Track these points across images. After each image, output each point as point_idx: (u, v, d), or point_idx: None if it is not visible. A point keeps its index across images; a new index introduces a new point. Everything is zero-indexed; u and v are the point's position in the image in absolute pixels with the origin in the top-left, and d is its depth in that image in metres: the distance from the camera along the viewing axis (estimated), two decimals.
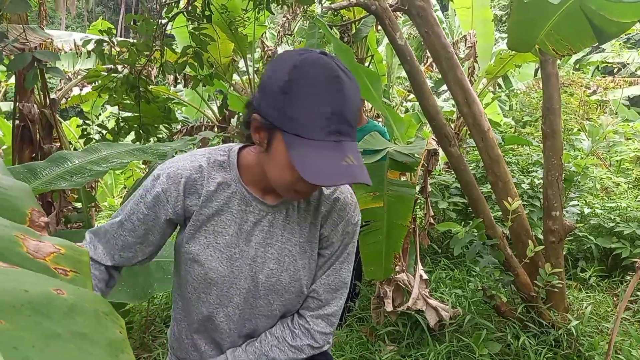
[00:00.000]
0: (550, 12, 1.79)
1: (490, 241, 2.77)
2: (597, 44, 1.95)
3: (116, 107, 3.68)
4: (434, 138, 3.52)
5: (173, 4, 3.62)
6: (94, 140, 3.52)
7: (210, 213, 1.06)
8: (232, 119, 5.54)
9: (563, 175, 2.99)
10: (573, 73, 7.25)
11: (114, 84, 3.28)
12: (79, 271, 0.74)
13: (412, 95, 6.70)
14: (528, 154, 4.58)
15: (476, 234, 2.79)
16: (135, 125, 3.62)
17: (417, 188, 3.55)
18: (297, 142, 0.87)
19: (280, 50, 6.22)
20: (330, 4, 5.07)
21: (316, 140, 0.86)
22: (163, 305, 4.02)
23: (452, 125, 4.87)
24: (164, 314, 3.84)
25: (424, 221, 3.63)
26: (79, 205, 3.53)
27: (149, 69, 4.19)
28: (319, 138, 0.86)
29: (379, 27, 5.02)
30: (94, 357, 0.65)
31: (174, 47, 4.15)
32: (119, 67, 3.39)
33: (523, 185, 3.91)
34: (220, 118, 5.44)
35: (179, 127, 5.68)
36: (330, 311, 1.14)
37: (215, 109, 5.81)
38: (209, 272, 1.07)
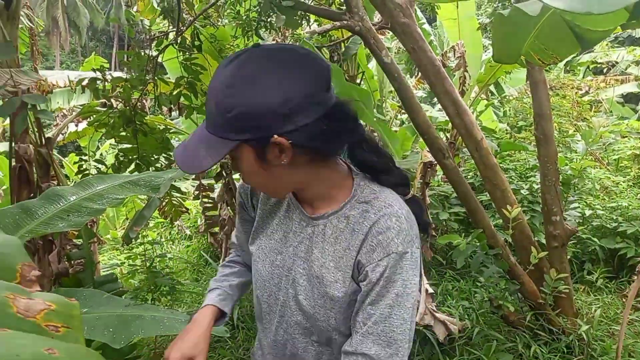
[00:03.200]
0: (531, 23, 1.81)
1: (493, 251, 2.76)
2: (580, 50, 1.97)
3: (113, 139, 3.71)
4: (429, 150, 3.54)
5: (163, 36, 3.67)
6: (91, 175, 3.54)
7: (264, 215, 1.12)
8: None
9: (560, 178, 2.99)
10: (563, 76, 7.30)
11: (111, 119, 3.31)
12: (70, 326, 0.74)
13: None
14: (525, 159, 4.59)
15: (478, 245, 2.78)
16: (134, 157, 3.65)
17: None
18: None
19: None
20: (319, 25, 5.14)
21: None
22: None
23: (448, 135, 4.89)
24: None
25: (424, 235, 3.63)
26: (79, 241, 3.53)
27: (144, 100, 4.23)
28: None
29: None
30: None
31: (166, 78, 4.19)
32: (114, 102, 3.43)
33: (522, 191, 3.91)
34: None
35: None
36: None
37: None
38: (256, 274, 1.10)
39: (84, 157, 3.75)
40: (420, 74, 6.55)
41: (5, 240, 0.92)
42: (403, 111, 7.49)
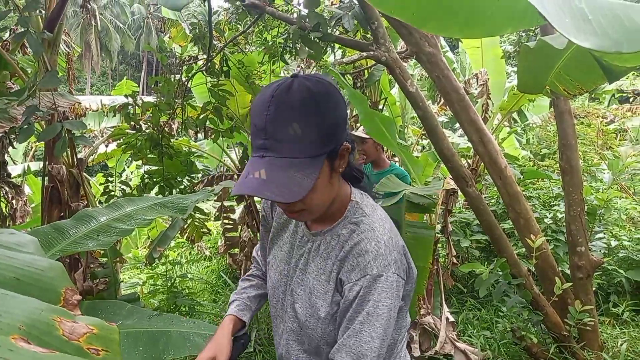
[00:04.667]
0: (556, 56, 1.84)
1: (516, 280, 2.73)
2: (607, 83, 1.98)
3: (140, 161, 3.82)
4: (452, 177, 3.54)
5: (192, 62, 3.80)
6: (116, 197, 3.64)
7: (279, 228, 1.22)
8: None
9: (585, 208, 2.95)
10: (588, 104, 7.24)
11: (139, 142, 3.42)
12: (109, 349, 0.79)
13: None
14: (549, 187, 4.54)
15: (500, 274, 2.76)
16: (159, 179, 3.74)
17: (438, 228, 3.54)
18: None
19: None
20: (343, 52, 5.24)
21: (252, 156, 0.95)
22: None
23: (470, 162, 4.88)
24: None
25: (446, 261, 3.60)
26: (104, 260, 3.60)
27: (171, 124, 4.36)
28: (253, 155, 0.95)
29: None
30: None
31: (193, 102, 4.32)
32: (143, 125, 3.54)
33: (546, 220, 3.86)
34: (240, 167, 5.56)
35: (199, 176, 5.80)
36: None
37: (235, 158, 5.95)
38: (269, 280, 1.21)
39: (110, 179, 3.86)
40: (443, 100, 6.59)
41: (51, 265, 0.97)
42: (424, 137, 7.52)
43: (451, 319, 3.06)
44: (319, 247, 1.10)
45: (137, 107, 3.38)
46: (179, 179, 3.91)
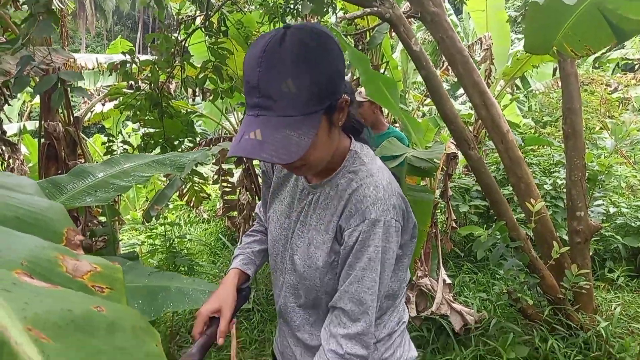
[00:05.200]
0: (566, 13, 1.78)
1: (514, 243, 2.75)
2: (616, 42, 1.93)
3: (137, 123, 3.78)
4: (453, 142, 3.51)
5: (190, 20, 3.70)
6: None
7: (279, 182, 1.22)
8: None
9: (586, 174, 2.95)
10: (592, 71, 7.14)
11: (138, 102, 3.36)
12: (114, 288, 0.77)
13: (428, 100, 6.68)
14: (549, 154, 4.52)
15: (499, 237, 2.77)
16: (160, 140, 3.71)
17: (438, 192, 3.53)
18: None
19: None
20: (345, 13, 5.12)
21: (247, 115, 0.91)
22: (187, 315, 4.08)
23: (471, 128, 4.84)
24: (188, 324, 3.90)
25: (445, 225, 3.62)
26: (103, 219, 3.61)
27: (169, 84, 4.28)
28: (247, 113, 0.91)
29: (393, 34, 5.05)
30: None
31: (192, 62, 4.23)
32: (141, 84, 3.48)
33: (545, 186, 3.86)
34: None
35: (197, 139, 5.75)
36: (360, 329, 1.01)
37: (234, 121, 5.89)
38: (269, 234, 1.22)
39: (111, 138, 3.82)
40: (445, 65, 6.49)
41: (51, 206, 0.95)
42: (425, 103, 7.45)
43: (448, 280, 3.10)
44: (319, 199, 1.10)
45: (135, 65, 3.30)
46: (180, 140, 3.88)
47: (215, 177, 5.28)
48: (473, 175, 4.84)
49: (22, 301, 0.63)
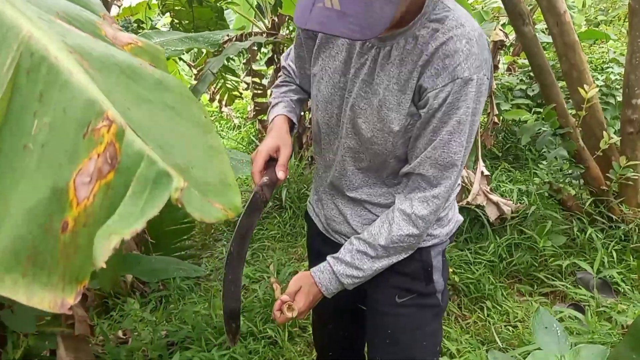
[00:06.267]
0: None
1: (562, 130, 2.61)
2: None
3: (168, 19, 3.68)
4: (501, 28, 3.27)
5: None
6: None
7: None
8: (281, 27, 5.38)
9: None
10: None
11: None
12: (158, 66, 0.71)
13: None
14: (604, 51, 4.20)
15: (546, 125, 2.63)
16: (190, 29, 3.64)
17: None
18: None
19: None
20: None
21: None
22: None
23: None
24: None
25: (487, 120, 3.48)
26: None
27: None
28: None
29: None
30: (185, 129, 0.63)
31: None
32: None
33: (597, 82, 3.62)
34: (270, 26, 5.30)
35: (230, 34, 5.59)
36: (437, 192, 0.97)
37: (266, 20, 5.67)
38: (318, 95, 1.07)
39: (142, 25, 3.73)
40: None
41: None
42: None
43: (486, 172, 3.02)
44: (390, 54, 0.94)
45: None
46: (210, 29, 3.79)
47: (248, 82, 5.17)
48: (516, 74, 4.59)
49: (62, 33, 0.57)
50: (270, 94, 1.26)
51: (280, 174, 1.04)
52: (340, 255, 1.05)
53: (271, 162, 1.07)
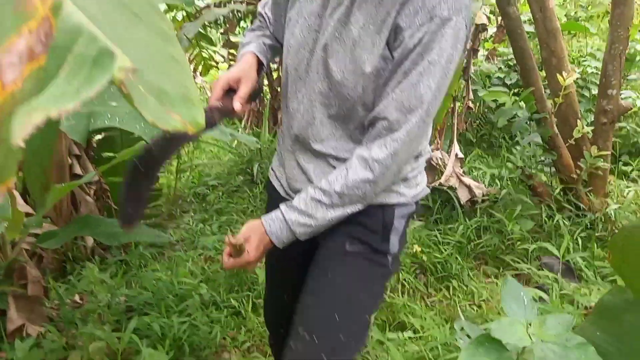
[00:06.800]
0: None
1: (538, 115, 2.61)
2: None
3: None
4: (485, 11, 3.25)
5: None
6: None
7: None
8: None
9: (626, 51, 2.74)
10: None
11: None
12: None
13: None
14: (582, 46, 4.25)
15: (523, 108, 2.63)
16: None
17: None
18: None
19: None
20: None
21: None
22: (190, 183, 4.10)
23: None
24: (191, 191, 3.92)
25: (462, 104, 3.47)
26: None
27: None
28: None
29: None
30: (145, 35, 0.56)
31: None
32: None
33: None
34: None
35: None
36: (396, 136, 0.92)
37: None
38: (291, 39, 1.03)
39: None
40: None
41: None
42: None
43: (460, 155, 3.02)
44: None
45: None
46: None
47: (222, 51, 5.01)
48: (495, 61, 4.60)
49: None
50: (244, 36, 1.22)
51: (237, 105, 1.00)
52: (294, 202, 0.99)
53: (231, 92, 1.03)
